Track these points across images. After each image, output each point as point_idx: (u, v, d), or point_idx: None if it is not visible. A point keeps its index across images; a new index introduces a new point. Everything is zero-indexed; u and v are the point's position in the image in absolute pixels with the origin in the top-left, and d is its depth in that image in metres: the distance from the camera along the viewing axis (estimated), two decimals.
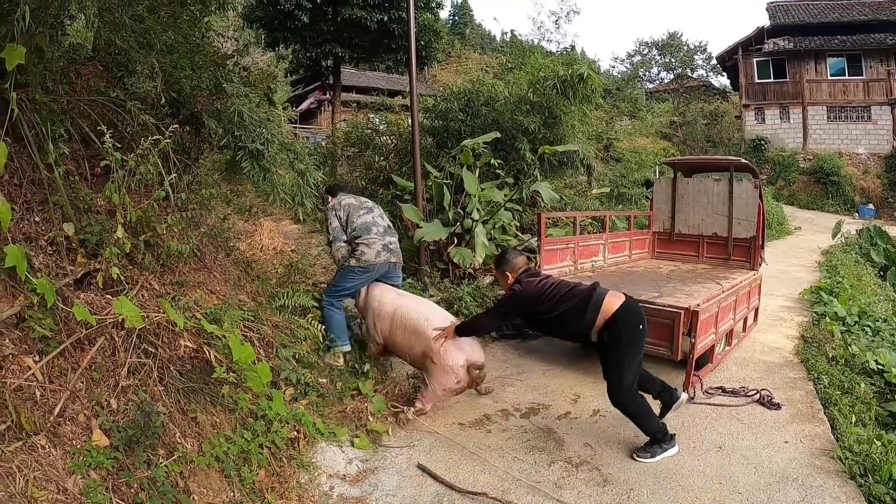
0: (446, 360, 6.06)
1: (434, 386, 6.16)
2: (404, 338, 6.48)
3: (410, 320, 6.44)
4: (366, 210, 7.28)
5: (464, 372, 6.11)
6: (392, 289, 7.12)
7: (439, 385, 6.14)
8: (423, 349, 6.22)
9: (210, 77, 5.98)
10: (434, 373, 6.13)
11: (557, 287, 5.67)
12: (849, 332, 9.50)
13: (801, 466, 5.36)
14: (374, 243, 7.06)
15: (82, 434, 3.76)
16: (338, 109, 20.34)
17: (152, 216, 4.90)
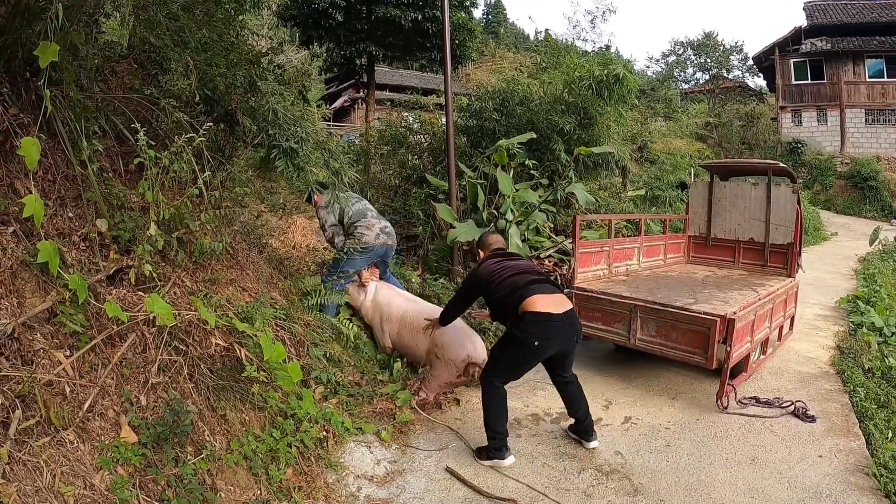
0: (449, 354, 6.52)
1: (436, 377, 6.61)
2: (412, 337, 6.96)
3: (419, 323, 6.79)
4: (356, 199, 7.63)
5: (463, 367, 6.51)
6: (399, 293, 7.60)
7: (440, 377, 6.60)
8: (429, 346, 6.68)
9: (244, 75, 5.98)
10: (437, 366, 6.58)
11: (504, 272, 5.63)
12: (886, 344, 9.30)
13: (835, 482, 5.24)
14: (374, 226, 7.48)
15: (111, 430, 3.78)
16: (371, 107, 20.34)
17: (185, 213, 4.92)
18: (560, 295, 5.54)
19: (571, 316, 5.42)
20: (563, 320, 5.30)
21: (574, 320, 5.47)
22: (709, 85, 50.51)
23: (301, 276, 7.14)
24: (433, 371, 6.62)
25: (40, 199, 3.43)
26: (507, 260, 5.86)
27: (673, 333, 6.89)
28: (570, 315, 5.40)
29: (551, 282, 5.77)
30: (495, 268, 5.70)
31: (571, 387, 5.81)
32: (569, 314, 5.38)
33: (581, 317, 7.46)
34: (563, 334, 5.37)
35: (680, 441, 5.99)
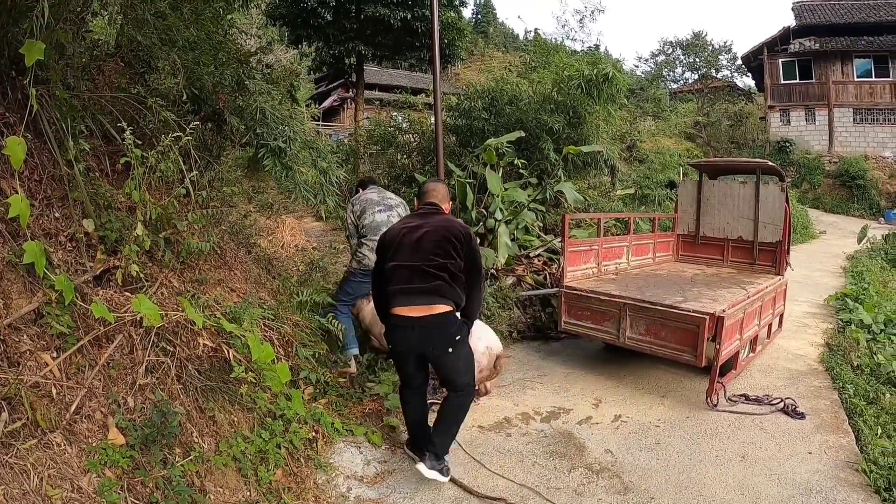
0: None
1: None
2: None
3: None
4: (384, 208, 6.99)
5: (485, 360, 6.19)
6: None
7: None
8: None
9: (232, 74, 5.98)
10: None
11: (400, 249, 4.92)
12: (874, 341, 9.34)
13: (825, 479, 5.26)
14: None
15: (98, 432, 3.75)
16: (360, 107, 20.32)
17: (173, 213, 4.91)
18: (429, 300, 4.78)
19: (430, 322, 4.79)
20: (414, 326, 4.81)
21: (432, 327, 4.82)
22: (698, 84, 50.73)
23: (289, 276, 7.08)
24: None
25: (26, 200, 3.41)
26: (419, 227, 4.96)
27: (662, 332, 6.90)
28: (429, 321, 4.79)
29: (438, 276, 4.78)
30: (403, 231, 5.02)
31: (446, 402, 5.17)
32: (426, 320, 4.78)
33: (570, 315, 7.50)
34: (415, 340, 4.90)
35: (670, 439, 6.00)
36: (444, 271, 4.80)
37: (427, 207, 5.27)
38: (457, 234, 4.92)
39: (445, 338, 4.88)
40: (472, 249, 5.00)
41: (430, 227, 4.97)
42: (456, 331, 4.93)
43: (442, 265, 4.81)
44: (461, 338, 4.99)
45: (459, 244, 4.89)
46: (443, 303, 4.80)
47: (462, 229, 5.02)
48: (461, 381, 5.07)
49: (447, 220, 5.15)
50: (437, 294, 4.79)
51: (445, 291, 4.80)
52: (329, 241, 11.28)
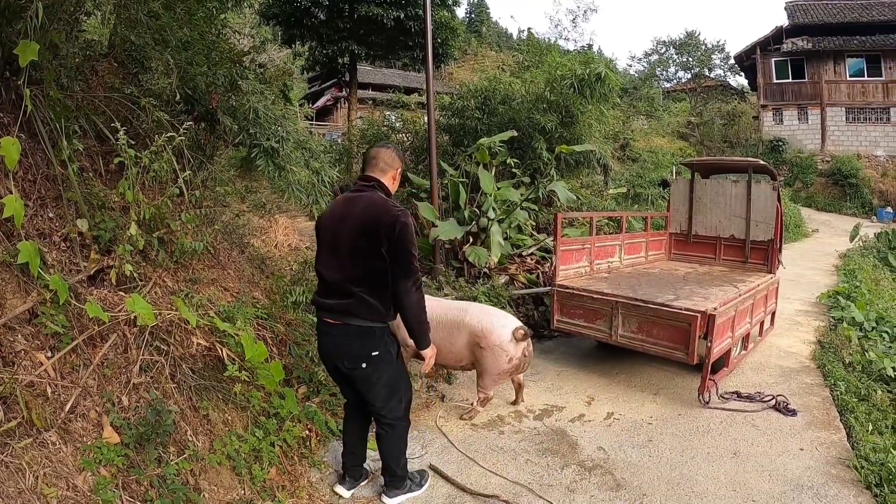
0: (495, 339, 5.98)
1: (489, 370, 6.09)
2: (446, 335, 6.08)
3: (448, 318, 6.17)
4: None
5: (513, 347, 6.04)
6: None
7: (493, 368, 6.07)
8: (468, 338, 6.04)
9: (225, 74, 5.99)
10: (485, 357, 6.03)
11: (327, 232, 4.33)
12: (866, 338, 9.40)
13: (817, 475, 5.30)
14: None
15: (93, 431, 3.77)
16: (354, 107, 20.36)
17: (166, 213, 4.92)
18: (342, 317, 4.17)
19: (342, 331, 4.20)
20: (328, 330, 4.26)
21: (343, 336, 4.21)
22: (691, 84, 50.82)
23: (282, 276, 7.08)
24: (483, 365, 6.07)
25: (20, 200, 3.43)
26: (343, 219, 4.24)
27: (654, 329, 6.93)
28: (341, 329, 4.19)
29: (352, 292, 4.11)
30: (327, 222, 4.38)
31: (380, 433, 4.58)
32: (338, 327, 4.20)
33: (563, 314, 7.51)
34: (329, 347, 4.34)
35: (662, 436, 6.03)
36: (363, 283, 4.11)
37: (361, 185, 4.38)
38: (380, 226, 4.04)
39: (357, 349, 4.19)
40: (398, 245, 4.05)
41: (353, 217, 4.16)
42: (375, 344, 4.21)
43: (359, 276, 4.11)
44: (380, 354, 4.24)
45: (384, 239, 4.02)
46: (358, 321, 4.15)
47: (387, 218, 4.05)
48: (379, 405, 4.43)
49: (373, 204, 4.19)
50: (350, 314, 4.12)
51: (362, 311, 4.12)
52: None
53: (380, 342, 4.23)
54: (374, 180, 4.35)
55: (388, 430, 4.51)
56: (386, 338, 4.30)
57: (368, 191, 4.29)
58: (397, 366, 4.50)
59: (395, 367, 4.44)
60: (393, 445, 4.58)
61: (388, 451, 4.59)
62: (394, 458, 4.61)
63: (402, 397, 4.55)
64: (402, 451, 4.66)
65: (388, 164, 4.42)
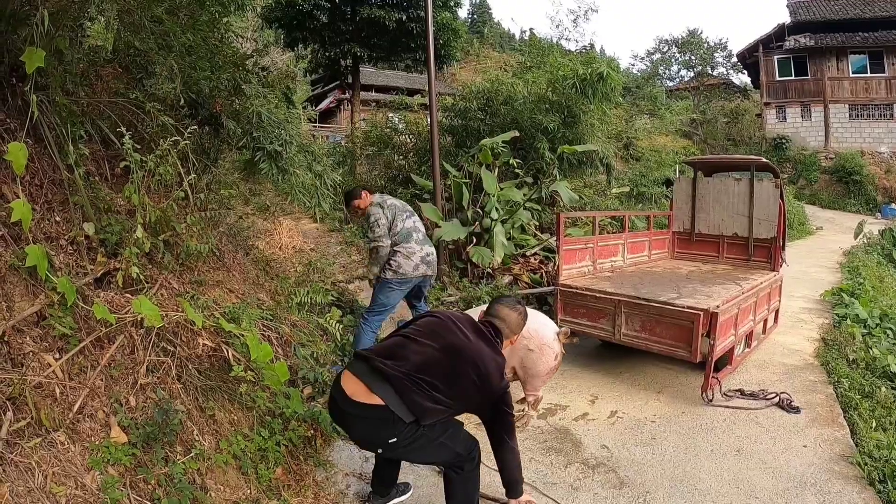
0: (543, 339, 5.95)
1: (538, 372, 6.02)
2: None
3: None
4: (408, 213, 6.90)
5: (558, 346, 6.06)
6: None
7: (542, 369, 6.02)
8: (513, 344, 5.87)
9: (229, 78, 6.03)
10: (532, 359, 5.95)
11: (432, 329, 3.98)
12: (870, 335, 9.39)
13: (820, 471, 5.31)
14: (414, 254, 6.74)
15: (101, 431, 3.81)
16: (357, 108, 20.39)
17: (171, 216, 4.97)
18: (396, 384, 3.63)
19: (363, 411, 3.64)
20: (350, 409, 3.71)
21: (362, 418, 3.68)
22: (693, 82, 50.71)
23: (287, 277, 7.12)
24: (532, 367, 5.95)
25: (28, 204, 3.47)
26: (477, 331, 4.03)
27: (657, 328, 6.94)
28: (362, 410, 3.64)
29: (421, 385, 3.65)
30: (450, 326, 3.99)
31: (447, 475, 4.10)
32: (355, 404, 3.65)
33: (566, 313, 7.52)
34: (346, 423, 3.90)
35: (665, 434, 6.05)
36: (428, 396, 3.65)
37: (489, 328, 4.11)
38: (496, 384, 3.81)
39: (373, 435, 3.75)
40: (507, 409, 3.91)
41: (475, 350, 3.83)
42: (390, 432, 3.65)
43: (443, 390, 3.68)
44: (398, 440, 3.68)
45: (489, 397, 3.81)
46: (395, 405, 3.60)
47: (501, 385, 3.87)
48: (432, 461, 4.28)
49: (495, 362, 3.89)
50: (394, 391, 3.62)
51: (409, 400, 3.61)
52: (326, 242, 11.37)
53: (394, 428, 3.63)
54: (500, 336, 4.15)
55: (457, 472, 4.01)
56: (410, 429, 3.67)
57: (490, 339, 4.02)
58: (433, 437, 3.82)
59: (426, 437, 3.78)
60: (461, 491, 4.05)
61: (455, 498, 4.06)
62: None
63: (457, 446, 3.97)
64: (473, 495, 4.12)
65: (512, 331, 4.25)
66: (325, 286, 7.57)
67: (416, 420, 3.64)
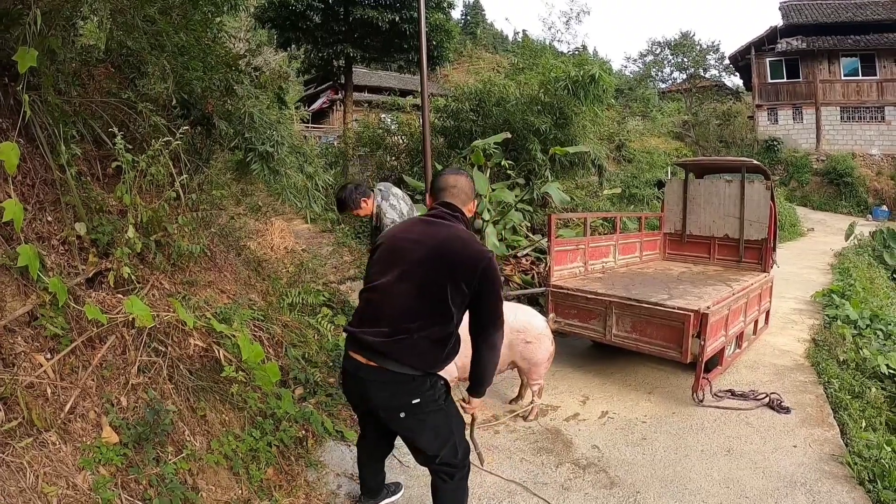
0: (538, 330, 6.20)
1: (538, 362, 6.22)
2: None
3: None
4: (409, 206, 6.64)
5: (549, 331, 6.29)
6: None
7: (542, 358, 6.22)
8: (511, 338, 5.80)
9: (221, 78, 6.03)
10: (531, 351, 6.11)
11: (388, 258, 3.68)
12: (860, 336, 9.45)
13: (810, 471, 5.35)
14: None
15: (92, 431, 3.81)
16: (349, 109, 20.34)
17: (163, 216, 4.96)
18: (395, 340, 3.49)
19: (378, 375, 3.55)
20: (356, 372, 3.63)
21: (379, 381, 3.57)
22: (686, 84, 50.85)
23: (279, 278, 7.12)
24: (532, 357, 6.12)
25: (19, 204, 3.48)
26: (417, 244, 3.59)
27: (648, 329, 6.97)
28: (378, 375, 3.54)
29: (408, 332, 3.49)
30: (408, 234, 3.73)
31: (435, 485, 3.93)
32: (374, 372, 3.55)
33: (558, 314, 7.53)
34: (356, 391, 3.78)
35: (656, 434, 6.08)
36: (426, 321, 3.51)
37: (445, 212, 3.74)
38: (475, 265, 3.48)
39: (393, 398, 3.62)
40: (493, 290, 3.58)
41: (436, 245, 3.55)
42: (414, 391, 3.58)
43: (425, 312, 3.51)
44: (422, 401, 3.61)
45: (468, 279, 3.47)
46: (398, 367, 3.51)
47: (482, 258, 3.52)
48: (430, 453, 3.80)
49: (461, 238, 3.62)
50: (392, 358, 3.49)
51: (409, 355, 3.51)
52: (318, 242, 11.35)
53: (420, 388, 3.58)
54: (459, 210, 3.75)
55: (445, 480, 3.84)
56: (430, 381, 3.63)
57: (452, 220, 3.69)
58: (447, 408, 3.80)
59: (444, 411, 3.76)
60: (452, 500, 3.92)
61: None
62: None
63: (458, 442, 3.85)
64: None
65: (468, 196, 3.81)
66: (316, 287, 7.56)
67: (427, 372, 3.60)
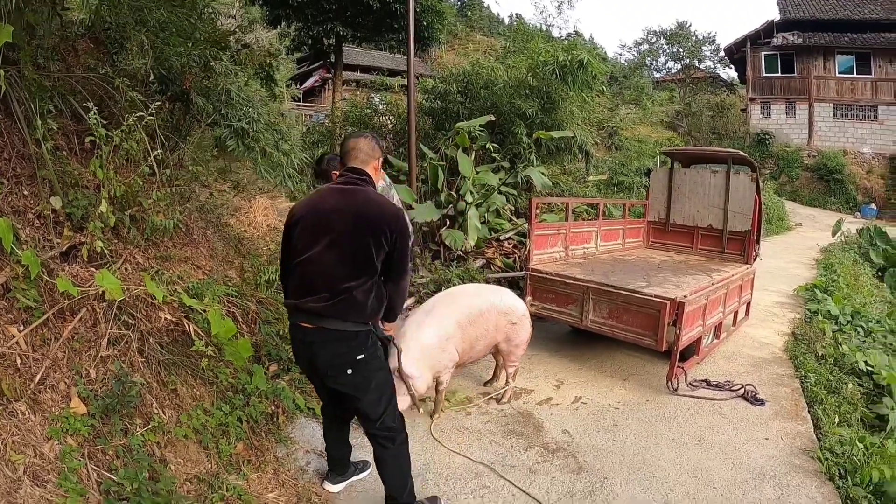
0: (521, 311, 6.29)
1: (519, 343, 6.32)
2: (480, 329, 5.87)
3: (476, 310, 5.89)
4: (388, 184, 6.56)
5: (528, 322, 6.34)
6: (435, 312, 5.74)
7: (525, 338, 6.35)
8: (496, 319, 6.00)
9: (200, 55, 6.00)
10: (515, 332, 6.20)
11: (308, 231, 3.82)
12: (841, 332, 9.51)
13: (780, 464, 5.39)
14: None
15: (62, 402, 3.85)
16: (338, 88, 20.22)
17: (138, 191, 4.96)
18: (333, 303, 3.70)
19: (322, 336, 3.78)
20: (304, 336, 3.85)
21: (324, 341, 3.79)
22: (680, 74, 50.81)
23: (258, 255, 7.10)
24: (516, 338, 6.20)
25: None
26: (333, 212, 3.78)
27: (624, 315, 7.00)
28: (322, 335, 3.77)
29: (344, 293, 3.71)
30: (324, 203, 3.87)
31: (375, 459, 4.16)
32: (318, 333, 3.78)
33: (535, 298, 7.56)
34: (306, 355, 3.95)
35: (628, 421, 6.13)
36: (358, 279, 3.73)
37: (353, 177, 3.93)
38: (388, 224, 3.75)
39: (339, 355, 3.81)
40: (402, 245, 3.86)
41: (352, 210, 3.76)
42: (359, 347, 3.81)
43: (354, 273, 3.73)
44: (366, 357, 3.84)
45: (387, 237, 3.74)
46: (339, 325, 3.74)
47: (392, 217, 3.79)
48: (374, 416, 3.98)
49: (372, 200, 3.86)
50: (331, 317, 3.71)
51: (347, 312, 3.72)
52: None
53: (363, 344, 3.82)
54: (365, 173, 3.96)
55: (387, 446, 4.04)
56: (371, 339, 3.88)
57: (362, 184, 3.90)
58: (386, 367, 4.10)
59: (385, 369, 4.07)
60: (395, 466, 4.12)
61: (390, 474, 4.11)
62: (397, 485, 4.12)
63: (396, 405, 4.14)
64: (407, 472, 4.17)
65: (369, 155, 4.02)
66: None
67: (368, 325, 3.86)
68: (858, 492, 4.94)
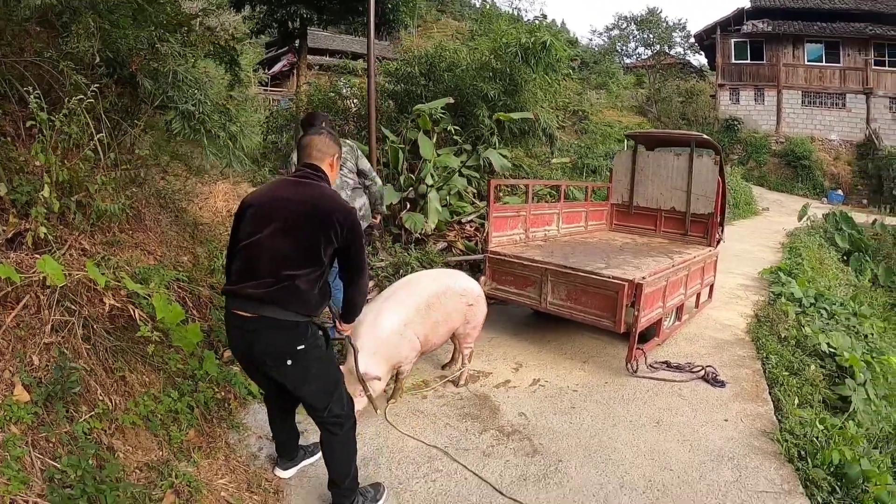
0: (478, 291, 6.31)
1: (476, 325, 6.32)
2: (441, 313, 5.79)
3: (433, 293, 5.82)
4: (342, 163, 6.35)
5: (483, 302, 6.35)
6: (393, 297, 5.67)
7: (481, 318, 6.36)
8: (455, 302, 5.98)
9: (147, 37, 5.93)
10: (475, 312, 6.22)
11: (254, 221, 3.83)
12: (804, 314, 9.62)
13: (739, 446, 5.42)
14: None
15: (5, 390, 3.79)
16: (304, 72, 20.00)
17: (84, 176, 4.89)
18: (274, 290, 3.68)
19: (259, 324, 3.74)
20: (242, 325, 3.80)
21: (262, 329, 3.75)
22: (651, 60, 51.04)
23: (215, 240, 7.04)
24: (473, 319, 6.19)
25: None
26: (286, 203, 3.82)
27: (583, 297, 7.00)
28: (258, 322, 3.73)
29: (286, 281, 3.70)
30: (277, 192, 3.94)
31: (324, 439, 4.12)
32: (254, 321, 3.73)
33: (494, 280, 7.56)
34: (244, 344, 3.90)
35: (585, 403, 6.14)
36: (303, 268, 3.75)
37: (309, 172, 3.99)
38: (338, 221, 3.76)
39: (278, 345, 3.79)
40: (357, 243, 3.89)
41: (303, 202, 3.80)
42: (298, 337, 3.79)
43: (300, 261, 3.75)
44: (306, 347, 3.82)
45: (336, 232, 3.75)
46: (279, 313, 3.71)
47: (344, 215, 3.79)
48: (318, 406, 3.99)
49: (325, 195, 3.89)
50: (272, 304, 3.68)
51: (289, 300, 3.71)
52: None
53: (304, 334, 3.81)
54: (320, 170, 4.01)
55: (334, 431, 4.03)
56: (311, 329, 3.88)
57: (316, 180, 3.95)
58: (329, 356, 4.10)
59: (327, 359, 4.06)
60: (340, 452, 4.10)
61: (334, 460, 4.09)
62: (342, 471, 4.11)
63: (344, 392, 4.14)
64: (352, 459, 4.16)
65: (324, 152, 4.06)
66: None
67: (310, 317, 3.86)
68: (818, 473, 4.96)
